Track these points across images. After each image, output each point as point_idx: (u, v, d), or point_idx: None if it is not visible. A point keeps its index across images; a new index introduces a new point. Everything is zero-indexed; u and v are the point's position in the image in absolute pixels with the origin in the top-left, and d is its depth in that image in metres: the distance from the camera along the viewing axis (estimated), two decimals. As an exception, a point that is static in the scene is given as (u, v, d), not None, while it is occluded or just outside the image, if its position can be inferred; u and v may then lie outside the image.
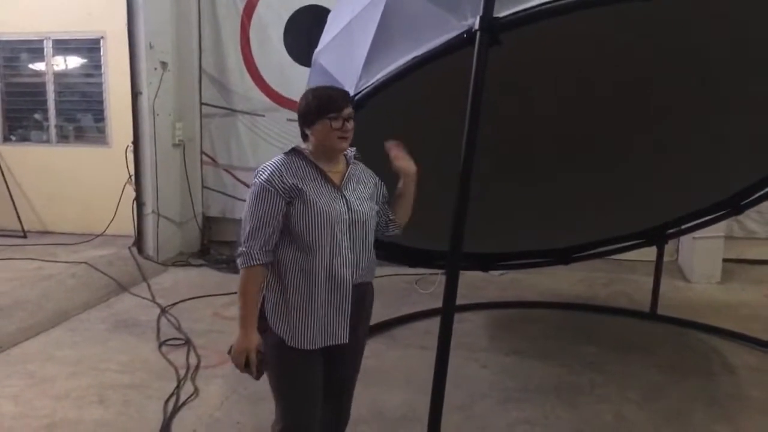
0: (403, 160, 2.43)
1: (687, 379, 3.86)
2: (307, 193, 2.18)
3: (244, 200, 2.28)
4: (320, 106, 2.21)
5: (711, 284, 5.91)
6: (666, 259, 5.19)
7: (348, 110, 2.24)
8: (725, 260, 6.06)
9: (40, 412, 3.42)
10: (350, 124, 2.24)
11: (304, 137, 2.30)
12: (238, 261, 2.20)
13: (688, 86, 3.83)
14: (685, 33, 3.36)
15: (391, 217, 2.48)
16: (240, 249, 2.19)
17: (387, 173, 2.53)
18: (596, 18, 2.82)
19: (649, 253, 5.09)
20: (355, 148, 2.40)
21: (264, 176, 2.19)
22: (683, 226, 4.84)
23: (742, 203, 4.48)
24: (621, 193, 4.50)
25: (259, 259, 2.17)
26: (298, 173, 2.21)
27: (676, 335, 4.65)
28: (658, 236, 4.85)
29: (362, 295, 2.33)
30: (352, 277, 2.24)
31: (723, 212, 4.60)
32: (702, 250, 5.98)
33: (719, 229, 5.73)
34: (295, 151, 2.27)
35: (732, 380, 3.89)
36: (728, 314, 5.05)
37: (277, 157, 2.27)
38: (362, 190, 2.34)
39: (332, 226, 2.19)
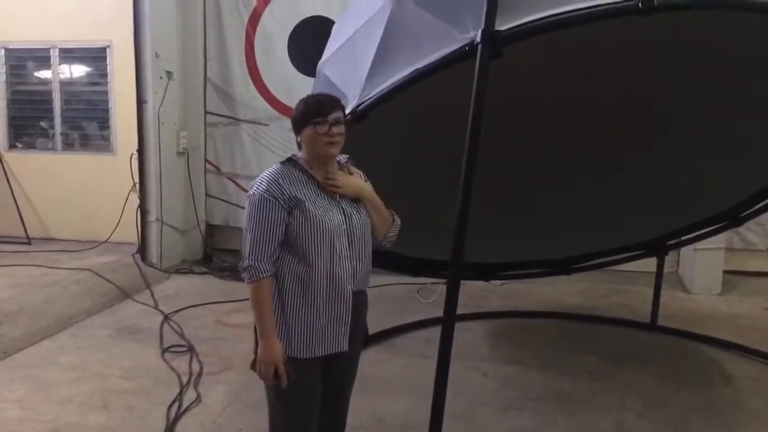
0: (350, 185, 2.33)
1: (686, 389, 3.88)
2: (306, 204, 2.16)
3: (247, 210, 2.25)
4: (307, 112, 2.21)
5: (711, 295, 5.93)
6: (666, 270, 5.21)
7: (335, 115, 2.20)
8: (725, 272, 6.07)
9: (45, 416, 3.45)
10: (337, 129, 2.20)
11: (299, 146, 2.28)
12: (245, 276, 2.16)
13: (689, 98, 3.87)
14: (685, 46, 3.41)
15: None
16: (245, 263, 2.15)
17: (386, 185, 2.56)
18: (597, 31, 2.87)
19: (650, 264, 5.11)
20: (347, 155, 2.39)
21: (263, 187, 2.16)
22: (683, 238, 4.87)
23: (741, 215, 4.51)
24: (621, 204, 4.53)
25: (267, 271, 2.15)
26: (296, 183, 2.20)
27: (676, 346, 4.67)
28: (658, 247, 4.88)
29: (359, 303, 2.32)
30: (353, 286, 2.25)
31: (723, 224, 4.62)
32: (702, 262, 6.00)
33: (719, 240, 5.75)
34: (291, 161, 2.25)
35: (731, 391, 3.91)
36: (728, 325, 5.07)
37: (274, 167, 2.24)
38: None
39: (331, 237, 2.18)
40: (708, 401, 3.74)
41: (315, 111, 2.21)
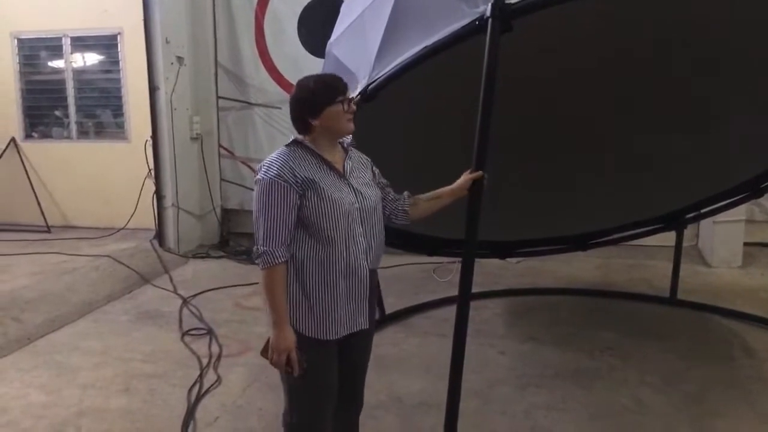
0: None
1: (706, 363, 3.85)
2: (320, 185, 2.15)
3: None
4: (329, 91, 2.20)
5: (731, 268, 5.86)
6: (686, 244, 5.15)
7: (349, 92, 2.27)
8: (746, 244, 5.99)
9: (68, 401, 3.52)
10: (354, 106, 2.25)
11: (305, 127, 2.22)
12: (259, 262, 2.14)
13: (705, 69, 3.78)
14: (702, 18, 3.32)
15: (405, 208, 2.45)
16: (259, 249, 2.13)
17: (400, 164, 2.55)
18: (608, 2, 2.82)
19: (668, 238, 5.06)
20: (350, 137, 2.38)
21: (274, 171, 2.12)
22: (702, 211, 4.80)
23: (761, 186, 4.42)
24: (639, 178, 4.47)
25: (282, 257, 2.13)
26: (306, 165, 2.17)
27: (695, 320, 4.63)
28: (677, 221, 4.81)
29: (373, 281, 2.33)
30: (368, 264, 2.25)
31: (743, 195, 4.54)
32: (722, 235, 5.91)
33: (740, 212, 5.67)
34: (297, 143, 2.22)
35: (752, 363, 3.87)
36: (749, 298, 5.01)
37: (281, 151, 2.20)
38: (364, 176, 2.34)
39: (347, 216, 2.18)
40: (728, 375, 3.71)
41: (339, 89, 2.21)
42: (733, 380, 3.63)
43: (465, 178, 2.55)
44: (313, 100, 2.19)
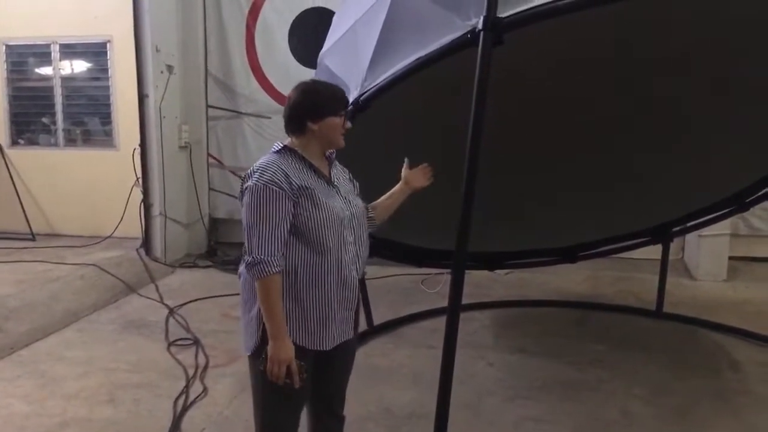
0: (422, 176, 2.58)
1: (693, 376, 3.87)
2: (315, 191, 2.13)
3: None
4: (337, 101, 2.21)
5: (717, 282, 5.91)
6: (672, 257, 5.20)
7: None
8: (731, 258, 6.06)
9: (52, 411, 3.46)
10: (349, 123, 2.28)
11: (301, 129, 2.19)
12: (254, 272, 2.04)
13: (692, 83, 3.84)
14: (688, 31, 3.37)
15: (371, 215, 2.44)
16: (254, 258, 2.04)
17: (390, 175, 2.55)
18: (599, 17, 2.84)
19: (655, 251, 5.10)
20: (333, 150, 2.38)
21: (266, 177, 2.07)
22: (688, 224, 4.85)
23: (747, 200, 4.48)
24: (626, 191, 4.51)
25: (278, 266, 2.06)
26: (298, 172, 2.14)
27: (682, 333, 4.66)
28: (663, 234, 4.86)
29: (359, 289, 2.32)
30: (356, 273, 2.25)
31: (728, 209, 4.60)
32: (708, 248, 5.98)
33: (725, 226, 5.73)
34: (288, 150, 2.19)
35: (738, 376, 3.90)
36: (734, 311, 5.06)
37: (272, 157, 2.17)
38: (347, 186, 2.34)
39: (340, 223, 2.16)
40: (715, 387, 3.73)
41: (343, 103, 2.24)
42: (719, 393, 3.66)
43: (405, 172, 2.58)
44: (320, 104, 2.18)
